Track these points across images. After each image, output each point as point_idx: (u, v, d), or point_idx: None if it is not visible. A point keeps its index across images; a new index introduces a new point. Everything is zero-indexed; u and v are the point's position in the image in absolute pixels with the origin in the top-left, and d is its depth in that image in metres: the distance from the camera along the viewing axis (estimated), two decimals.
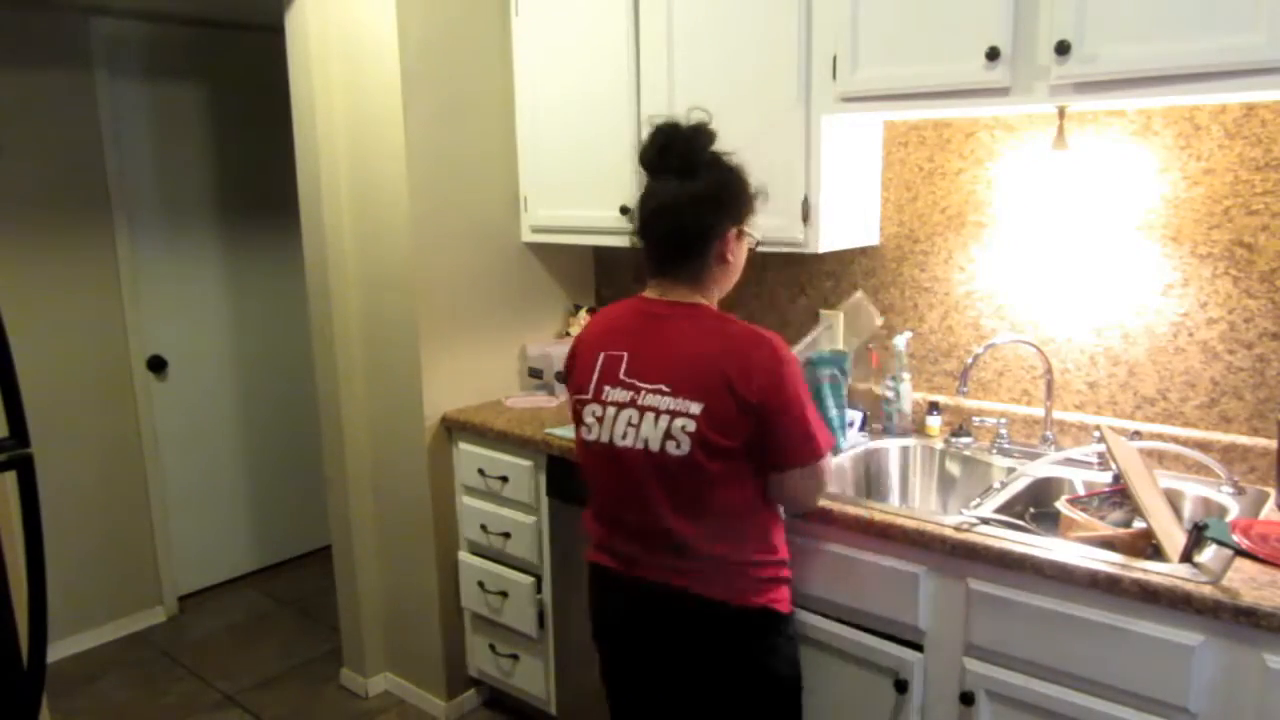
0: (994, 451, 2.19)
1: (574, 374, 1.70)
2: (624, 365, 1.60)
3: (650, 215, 1.62)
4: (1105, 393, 2.14)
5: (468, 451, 2.64)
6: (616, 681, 1.79)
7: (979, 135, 2.24)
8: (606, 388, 1.61)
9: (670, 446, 1.53)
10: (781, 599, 1.65)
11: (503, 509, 2.58)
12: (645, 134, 1.64)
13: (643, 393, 1.56)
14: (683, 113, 1.66)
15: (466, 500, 2.68)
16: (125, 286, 3.40)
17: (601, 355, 1.64)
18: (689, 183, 1.58)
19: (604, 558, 1.70)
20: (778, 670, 1.66)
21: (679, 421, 1.52)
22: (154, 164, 3.50)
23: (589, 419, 1.63)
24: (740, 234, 1.65)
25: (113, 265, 3.37)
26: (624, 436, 1.58)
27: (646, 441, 1.55)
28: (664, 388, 1.55)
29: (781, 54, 2.12)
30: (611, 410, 1.59)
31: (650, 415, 1.55)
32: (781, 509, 1.71)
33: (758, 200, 1.68)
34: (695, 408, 1.51)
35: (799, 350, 2.08)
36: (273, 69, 3.10)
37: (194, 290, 3.66)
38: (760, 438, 1.54)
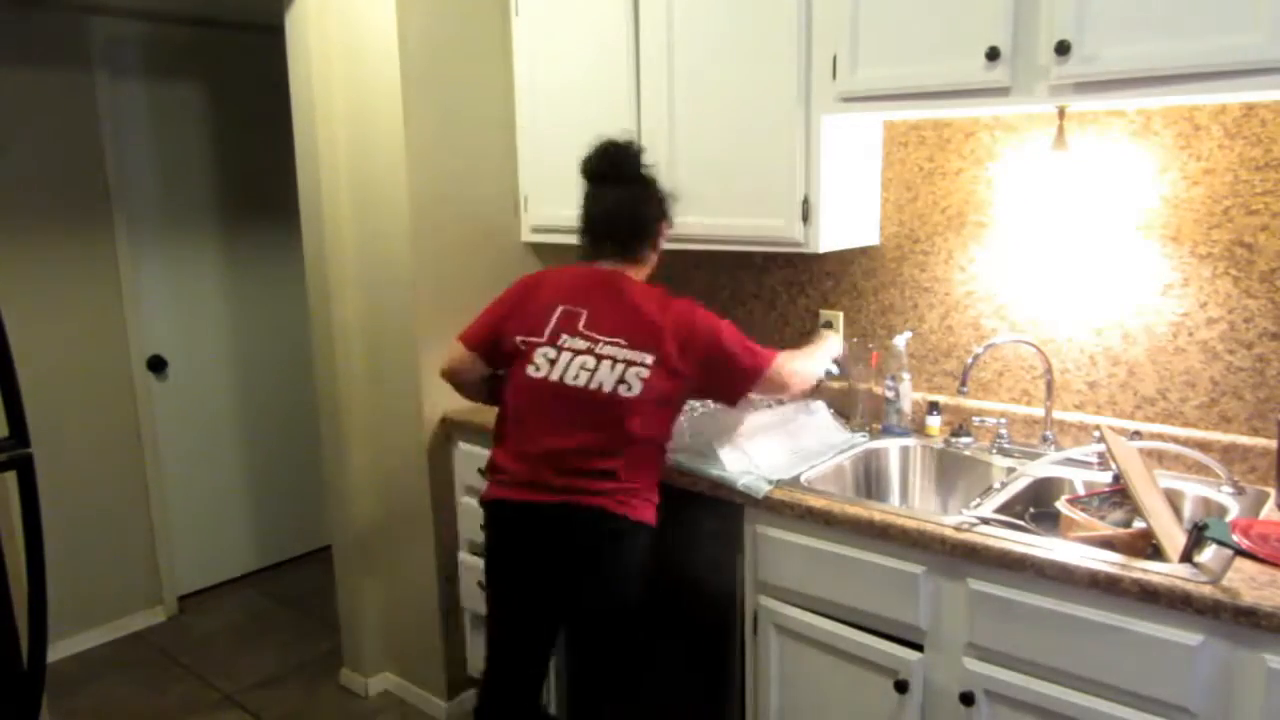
0: (994, 451, 2.19)
1: (523, 317, 2.00)
2: (584, 320, 1.93)
3: (605, 214, 2.03)
4: (1105, 393, 2.14)
5: (468, 451, 2.64)
6: (509, 603, 2.03)
7: (979, 135, 2.24)
8: (565, 336, 1.93)
9: (622, 389, 1.87)
10: (654, 513, 1.98)
11: None
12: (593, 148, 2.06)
13: (600, 344, 1.91)
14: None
15: (466, 500, 2.68)
16: (125, 286, 3.40)
17: (560, 308, 1.97)
18: (635, 188, 2.03)
19: (513, 492, 1.93)
20: (642, 575, 1.96)
21: (634, 369, 1.88)
22: (154, 164, 3.50)
23: (539, 359, 1.94)
24: (664, 227, 2.09)
25: (113, 265, 3.37)
26: (577, 377, 1.89)
27: (601, 384, 1.88)
28: (621, 341, 1.90)
29: (781, 54, 2.12)
30: (567, 355, 1.92)
31: (607, 362, 1.89)
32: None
33: (669, 200, 2.11)
34: (649, 359, 1.88)
35: None
36: (273, 69, 3.10)
37: (194, 290, 3.67)
38: (714, 381, 1.95)
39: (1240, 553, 1.55)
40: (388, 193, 2.60)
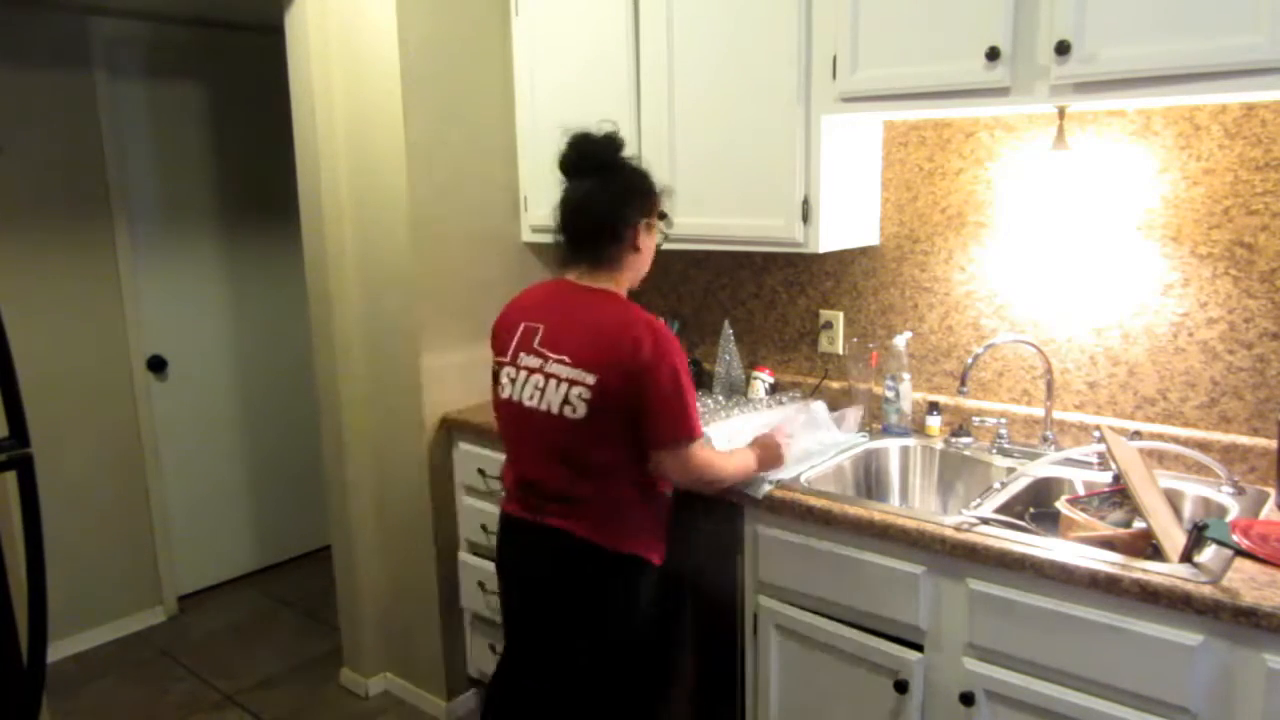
0: (994, 451, 2.19)
1: (497, 338, 1.96)
2: (539, 336, 1.84)
3: (573, 211, 1.85)
4: (1105, 393, 2.14)
5: (468, 451, 2.64)
6: (513, 615, 2.00)
7: (979, 135, 2.24)
8: (522, 354, 1.86)
9: (567, 410, 1.77)
10: (658, 552, 1.90)
11: None
12: (565, 142, 1.87)
13: (549, 361, 1.81)
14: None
15: (466, 500, 2.68)
16: (125, 286, 3.40)
17: (522, 325, 1.89)
18: (605, 182, 1.83)
19: (513, 507, 1.93)
20: (638, 610, 1.88)
21: (576, 389, 1.76)
22: (154, 164, 3.50)
23: (504, 379, 1.90)
24: (649, 226, 1.89)
25: (113, 265, 3.36)
26: (531, 398, 1.82)
27: (550, 404, 1.79)
28: (566, 359, 1.79)
29: (781, 54, 2.12)
30: (523, 374, 1.84)
31: (553, 381, 1.79)
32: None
33: (663, 197, 1.92)
34: (590, 379, 1.75)
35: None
36: (273, 69, 3.10)
37: (194, 290, 3.67)
38: (638, 414, 1.75)
39: (1240, 553, 1.55)
40: (388, 193, 2.60)
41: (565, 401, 1.77)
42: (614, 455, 1.80)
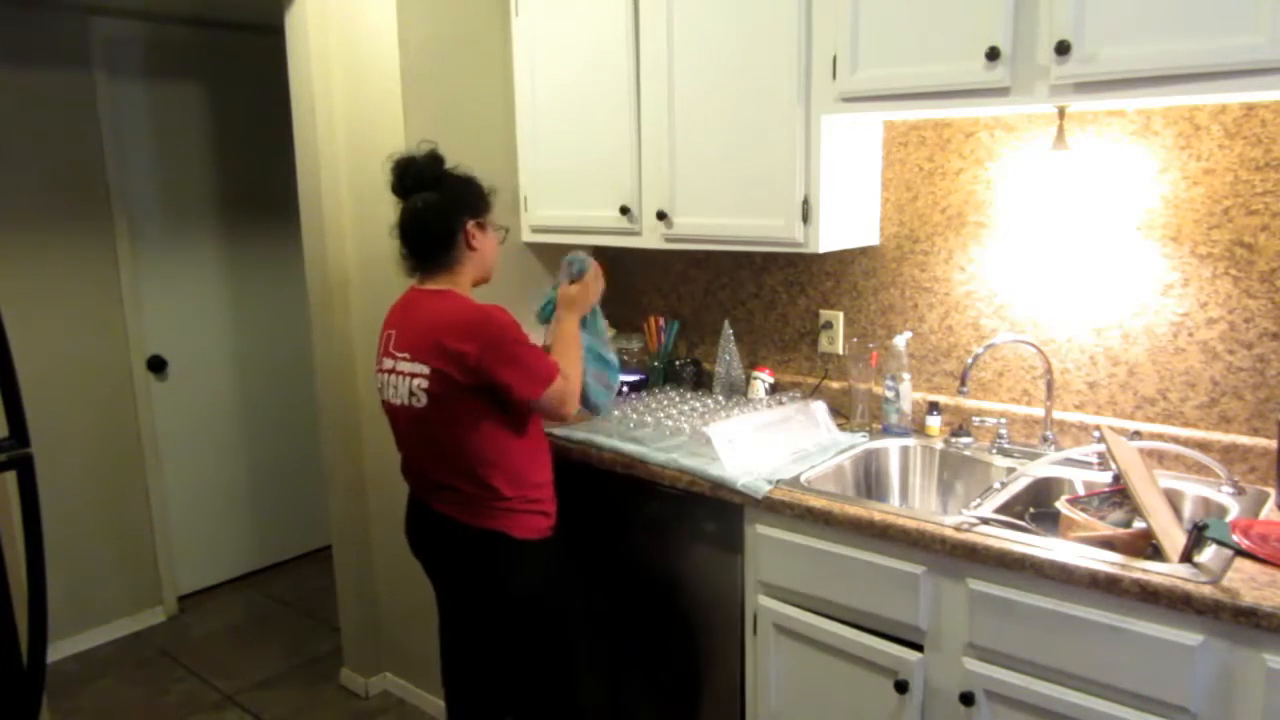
0: (994, 451, 2.19)
1: (377, 349, 2.13)
2: (393, 340, 2.01)
3: (406, 226, 2.02)
4: (1105, 393, 2.14)
5: None
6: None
7: (979, 135, 2.24)
8: (384, 359, 2.03)
9: (414, 402, 1.95)
10: (523, 526, 1.99)
11: None
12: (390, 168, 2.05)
13: (398, 361, 1.98)
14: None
15: None
16: (125, 287, 3.40)
17: (384, 333, 2.06)
18: (431, 196, 2.00)
19: (411, 491, 2.15)
20: (514, 590, 2.01)
21: (416, 381, 1.93)
22: (154, 164, 3.50)
23: (379, 383, 2.07)
24: (480, 226, 2.04)
25: (113, 266, 3.37)
26: (394, 396, 2.00)
27: (403, 399, 1.97)
28: (407, 355, 1.96)
29: (781, 54, 2.12)
30: (386, 376, 2.02)
31: (403, 378, 1.96)
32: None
33: (492, 197, 2.09)
34: (425, 369, 1.92)
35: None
36: (273, 69, 3.10)
37: (194, 290, 3.67)
38: (492, 388, 1.89)
39: (1240, 553, 1.55)
40: (388, 193, 2.59)
41: (411, 394, 1.95)
42: (464, 437, 1.94)
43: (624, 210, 2.49)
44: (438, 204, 1.99)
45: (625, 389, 2.73)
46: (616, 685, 2.43)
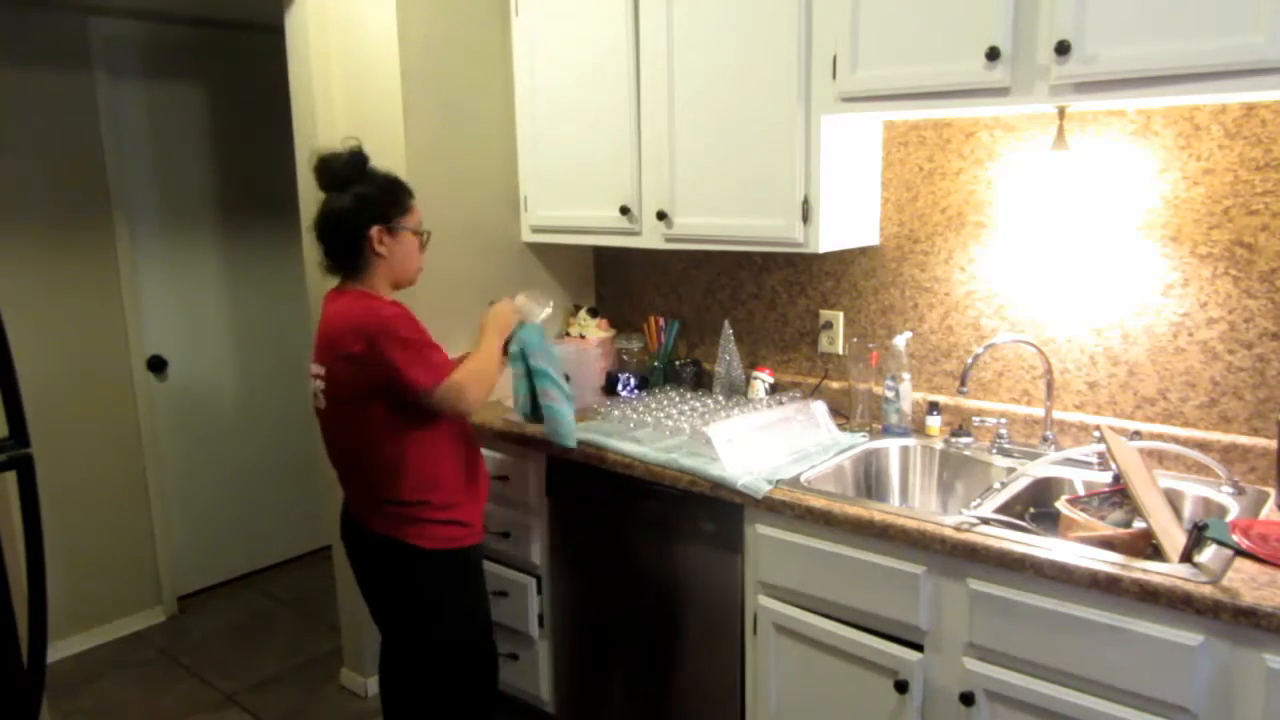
0: (994, 451, 2.19)
1: None
2: (315, 346, 2.02)
3: (318, 225, 1.99)
4: (1105, 393, 2.14)
5: None
6: None
7: (979, 135, 2.24)
8: (311, 364, 2.04)
9: (318, 403, 2.00)
10: (428, 536, 1.98)
11: (502, 509, 2.58)
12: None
13: (313, 365, 2.01)
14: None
15: None
16: (125, 286, 3.40)
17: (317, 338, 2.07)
18: (335, 197, 1.97)
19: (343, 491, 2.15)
20: (411, 591, 2.02)
21: (318, 383, 1.98)
22: (154, 164, 3.50)
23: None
24: (389, 230, 1.97)
25: (113, 265, 3.36)
26: (314, 400, 2.04)
27: (317, 402, 2.01)
28: (314, 358, 2.00)
29: (781, 54, 2.12)
30: (310, 381, 2.04)
31: (315, 381, 2.00)
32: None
33: (409, 199, 2.03)
34: (322, 370, 1.96)
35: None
36: (273, 69, 3.10)
37: (194, 290, 3.67)
38: (388, 382, 1.88)
39: (1240, 553, 1.55)
40: None
41: (315, 396, 2.01)
42: (359, 437, 1.95)
43: (624, 210, 2.49)
44: (344, 208, 1.95)
45: (628, 389, 2.73)
46: (616, 685, 2.43)
